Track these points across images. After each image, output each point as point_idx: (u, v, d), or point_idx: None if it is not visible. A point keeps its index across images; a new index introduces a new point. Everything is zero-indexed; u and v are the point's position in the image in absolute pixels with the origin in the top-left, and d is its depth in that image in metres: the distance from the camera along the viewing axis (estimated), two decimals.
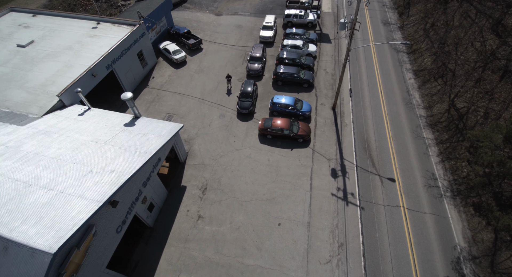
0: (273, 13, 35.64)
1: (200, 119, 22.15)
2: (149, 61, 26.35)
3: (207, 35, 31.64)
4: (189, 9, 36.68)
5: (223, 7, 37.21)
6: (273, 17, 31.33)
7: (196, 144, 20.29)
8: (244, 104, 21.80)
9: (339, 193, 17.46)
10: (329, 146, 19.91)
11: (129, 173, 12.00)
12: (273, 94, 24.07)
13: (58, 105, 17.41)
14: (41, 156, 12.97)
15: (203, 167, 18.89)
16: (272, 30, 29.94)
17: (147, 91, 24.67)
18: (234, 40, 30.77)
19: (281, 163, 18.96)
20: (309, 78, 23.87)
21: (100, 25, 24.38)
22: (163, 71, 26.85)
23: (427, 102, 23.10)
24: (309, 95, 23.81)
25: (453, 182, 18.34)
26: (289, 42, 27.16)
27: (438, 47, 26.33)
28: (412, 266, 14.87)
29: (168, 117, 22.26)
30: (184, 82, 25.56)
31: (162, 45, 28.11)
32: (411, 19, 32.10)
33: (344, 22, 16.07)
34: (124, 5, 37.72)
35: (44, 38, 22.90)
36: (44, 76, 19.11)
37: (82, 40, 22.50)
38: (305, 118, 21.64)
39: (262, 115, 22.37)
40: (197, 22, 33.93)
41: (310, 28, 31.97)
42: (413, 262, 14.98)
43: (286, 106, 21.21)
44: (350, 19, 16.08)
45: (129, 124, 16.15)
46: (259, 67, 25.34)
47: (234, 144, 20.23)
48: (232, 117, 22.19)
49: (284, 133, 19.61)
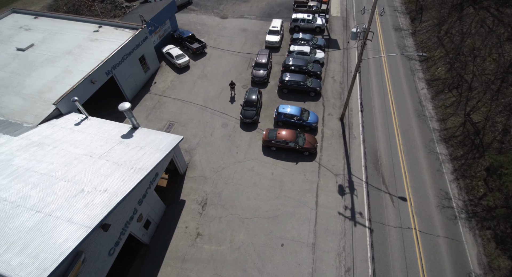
0: (279, 16, 34.69)
1: (202, 128, 21.33)
2: (151, 65, 25.64)
3: (211, 39, 30.82)
4: (194, 12, 35.93)
5: (229, 9, 36.37)
6: (280, 21, 30.36)
7: (197, 155, 19.47)
8: (247, 113, 20.91)
9: (347, 212, 16.46)
10: (336, 160, 18.91)
11: (123, 193, 11.21)
12: (278, 103, 23.14)
13: (55, 113, 16.75)
14: (31, 172, 12.26)
15: (203, 180, 18.06)
16: (278, 35, 28.98)
17: (148, 97, 23.94)
18: (239, 44, 29.90)
19: (285, 178, 18.02)
20: (316, 86, 22.87)
21: (102, 29, 23.74)
22: (166, 76, 26.11)
23: (440, 115, 21.91)
24: (316, 104, 22.82)
25: (468, 202, 17.20)
26: (295, 48, 26.18)
27: (453, 56, 25.10)
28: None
29: (169, 125, 21.50)
30: (186, 88, 24.78)
31: (165, 49, 27.38)
32: (423, 25, 30.83)
33: (356, 31, 15.07)
34: (128, 6, 37.13)
35: (44, 41, 22.32)
36: (42, 82, 18.49)
37: (82, 44, 21.86)
38: (312, 130, 20.66)
39: (266, 125, 21.46)
40: (201, 25, 33.15)
41: (318, 33, 30.92)
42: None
43: (292, 117, 20.26)
44: (363, 29, 15.08)
45: (127, 135, 15.39)
46: (264, 74, 24.41)
47: (236, 155, 19.36)
48: (235, 127, 21.33)
49: (289, 145, 18.68)
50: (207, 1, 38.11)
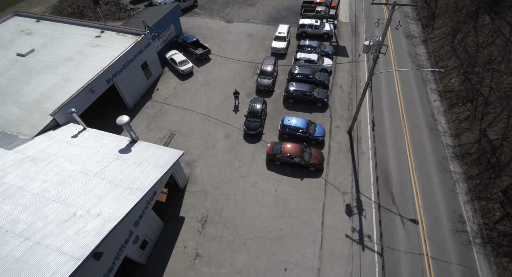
0: (286, 21, 33.83)
1: (204, 138, 20.61)
2: (154, 71, 25.00)
3: (216, 44, 30.09)
4: (199, 15, 35.24)
5: (235, 13, 35.61)
6: (287, 27, 29.49)
7: (198, 168, 18.75)
8: (251, 125, 20.13)
9: (354, 235, 15.59)
10: (344, 177, 18.03)
11: (116, 218, 10.52)
12: (284, 113, 22.31)
13: (52, 124, 16.17)
14: (23, 191, 11.65)
15: (204, 195, 17.33)
16: (285, 41, 28.12)
17: (150, 104, 23.30)
18: (244, 50, 29.12)
19: (289, 195, 17.21)
20: (323, 97, 21.98)
21: (104, 34, 23.15)
22: (168, 83, 25.45)
23: (454, 129, 20.86)
24: (322, 116, 21.93)
25: (484, 226, 16.18)
26: (302, 56, 25.29)
27: (467, 67, 23.99)
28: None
29: (170, 135, 20.83)
30: (189, 96, 24.08)
31: (169, 55, 26.72)
32: (436, 33, 29.69)
33: (369, 45, 14.18)
34: (133, 9, 36.59)
35: (45, 46, 21.80)
36: (40, 91, 17.93)
37: (83, 50, 21.28)
38: (318, 143, 19.80)
39: (270, 137, 20.65)
40: (206, 30, 32.44)
41: (325, 40, 29.99)
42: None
43: (297, 130, 19.42)
44: (376, 42, 14.18)
45: (125, 150, 14.73)
46: (269, 83, 23.59)
47: (239, 169, 18.60)
48: (239, 138, 20.57)
49: (294, 161, 17.86)
50: (213, 5, 37.41)
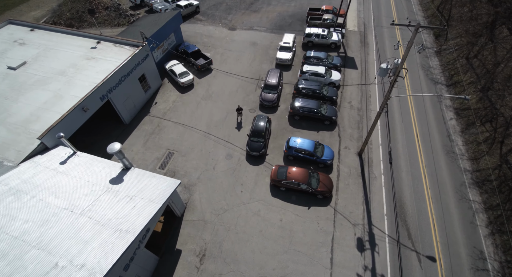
0: (291, 29, 32.50)
1: (204, 158, 19.36)
2: (152, 84, 23.78)
3: (218, 53, 28.83)
4: (201, 22, 34.00)
5: (238, 20, 34.32)
6: (292, 36, 28.15)
7: (197, 192, 17.50)
8: (254, 145, 18.84)
9: (367, 274, 14.25)
10: (354, 206, 16.68)
11: (102, 271, 9.28)
12: (289, 131, 20.99)
13: (39, 148, 14.98)
14: (2, 233, 10.46)
15: (203, 224, 16.07)
16: (290, 51, 26.78)
17: (147, 119, 22.09)
18: (247, 60, 27.83)
19: (295, 226, 15.90)
20: (331, 115, 20.63)
21: (100, 45, 21.96)
22: (167, 96, 24.22)
23: (472, 152, 19.44)
24: (331, 135, 20.60)
25: (506, 264, 14.76)
26: (309, 69, 23.94)
27: (485, 83, 22.52)
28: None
29: (168, 154, 19.60)
30: (189, 110, 22.84)
31: (168, 65, 25.49)
32: (450, 44, 28.20)
33: (387, 68, 12.84)
34: (133, 15, 35.43)
35: (37, 58, 20.65)
36: (29, 109, 16.76)
37: (77, 63, 20.11)
38: (326, 166, 18.46)
39: (275, 158, 19.35)
40: (208, 37, 31.19)
41: (333, 50, 28.62)
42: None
43: (304, 152, 18.10)
44: (394, 64, 12.84)
45: (116, 179, 13.51)
46: (274, 98, 22.29)
47: (241, 195, 17.32)
48: (241, 159, 19.29)
49: (300, 187, 16.56)
50: (215, 11, 36.16)
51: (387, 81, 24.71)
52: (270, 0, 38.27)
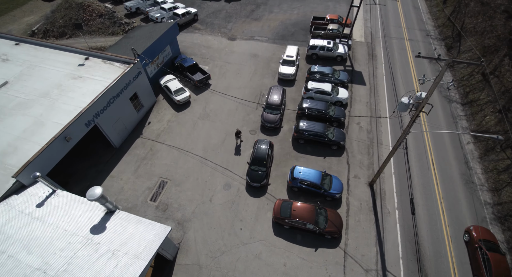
0: (294, 39, 30.82)
1: (200, 189, 17.72)
2: (145, 102, 22.13)
3: (217, 66, 27.17)
4: (199, 31, 32.33)
5: (238, 29, 32.65)
6: (295, 49, 26.46)
7: (191, 230, 15.85)
8: (255, 175, 17.18)
9: None
10: (366, 248, 15.02)
11: None
12: (293, 156, 19.32)
13: (15, 187, 13.33)
14: None
15: (197, 270, 14.42)
16: (293, 65, 25.10)
17: (139, 142, 20.45)
18: (248, 74, 26.16)
19: (301, 272, 14.23)
20: (339, 139, 18.97)
21: (88, 61, 20.31)
22: (162, 115, 22.57)
23: (492, 182, 17.75)
24: (338, 162, 18.93)
25: None
26: (314, 86, 22.26)
27: (505, 103, 20.82)
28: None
29: (160, 183, 17.96)
30: (185, 131, 21.19)
31: (163, 81, 23.83)
32: (463, 57, 26.48)
33: (408, 103, 11.20)
34: (128, 23, 33.78)
35: (20, 78, 19.00)
36: (7, 139, 15.10)
37: (63, 84, 18.46)
38: (334, 199, 16.81)
39: (277, 188, 17.69)
40: (206, 48, 29.52)
41: (339, 63, 26.94)
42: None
43: (310, 184, 16.45)
44: (417, 99, 11.18)
45: (98, 227, 11.88)
46: (276, 119, 20.63)
47: (240, 233, 15.67)
48: (240, 189, 17.64)
49: (307, 227, 14.91)
50: (214, 19, 34.49)
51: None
52: (272, 8, 36.61)
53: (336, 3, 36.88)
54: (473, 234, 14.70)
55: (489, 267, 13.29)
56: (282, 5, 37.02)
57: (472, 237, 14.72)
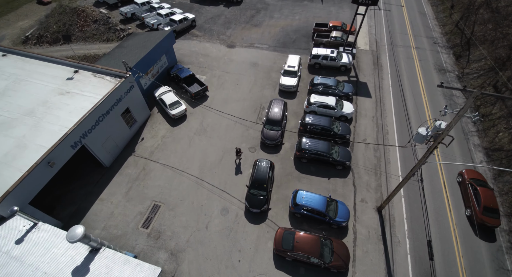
0: (296, 46, 29.60)
1: (195, 214, 16.53)
2: (139, 117, 20.95)
3: (215, 76, 25.97)
4: (197, 38, 31.12)
5: (237, 36, 31.44)
6: (297, 58, 25.24)
7: (185, 261, 14.67)
8: (255, 200, 15.99)
9: None
10: None
11: None
12: (295, 177, 18.12)
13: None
14: None
15: None
16: (295, 76, 23.89)
17: (132, 161, 19.27)
18: (247, 84, 24.95)
19: None
20: (344, 159, 17.76)
21: (78, 75, 19.12)
22: (156, 130, 21.39)
23: (508, 206, 16.55)
24: (344, 183, 17.75)
25: None
26: (317, 100, 21.05)
27: None
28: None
29: (153, 207, 16.80)
30: (180, 149, 20.01)
31: (158, 93, 22.62)
32: (473, 67, 25.26)
33: (426, 134, 10.02)
34: (123, 29, 32.57)
35: (5, 93, 17.81)
36: None
37: (49, 100, 17.27)
38: (340, 227, 15.61)
39: (279, 214, 16.48)
40: (204, 57, 28.31)
41: (343, 73, 25.72)
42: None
43: (314, 212, 15.27)
44: (436, 130, 9.99)
45: (81, 269, 10.69)
46: (277, 135, 19.44)
47: (238, 266, 14.49)
48: (239, 215, 16.46)
49: (311, 261, 13.74)
50: (213, 25, 33.27)
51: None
52: (272, 13, 35.38)
53: (339, 8, 35.65)
54: (465, 175, 17.15)
55: (478, 198, 15.69)
56: (283, 10, 35.81)
57: (464, 178, 17.18)
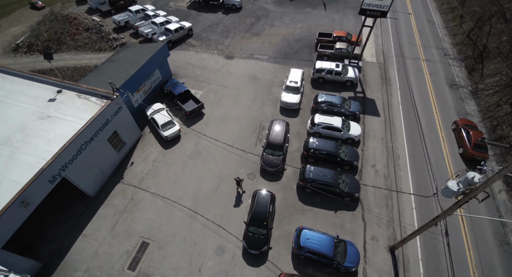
0: (298, 57, 27.97)
1: (188, 253, 14.87)
2: (128, 139, 19.33)
3: (211, 91, 24.36)
4: (194, 48, 29.51)
5: (236, 45, 29.83)
6: (300, 73, 23.59)
7: None
8: (254, 241, 14.29)
9: None
10: None
11: None
12: (298, 209, 16.44)
13: None
14: None
15: None
16: (298, 93, 22.23)
17: (119, 189, 17.63)
18: (246, 100, 23.32)
19: None
20: (353, 191, 16.12)
21: (61, 96, 17.50)
22: (147, 153, 19.76)
23: None
24: (352, 217, 16.10)
25: None
26: (321, 120, 19.40)
27: None
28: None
29: (141, 245, 15.15)
30: (172, 175, 18.37)
31: (150, 112, 20.97)
32: (487, 82, 23.60)
33: (458, 190, 8.42)
34: (116, 38, 30.98)
35: None
36: None
37: (28, 126, 15.63)
38: (348, 272, 13.98)
39: (281, 254, 14.76)
40: (201, 69, 26.69)
41: (348, 87, 24.08)
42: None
43: (320, 255, 13.65)
44: (467, 183, 8.40)
45: None
46: (278, 161, 17.80)
47: None
48: (236, 255, 14.82)
49: None
50: (211, 33, 31.67)
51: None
52: (273, 21, 33.78)
53: (343, 15, 34.03)
54: (459, 122, 20.08)
55: (469, 138, 18.53)
56: (284, 18, 34.20)
57: (457, 124, 20.11)
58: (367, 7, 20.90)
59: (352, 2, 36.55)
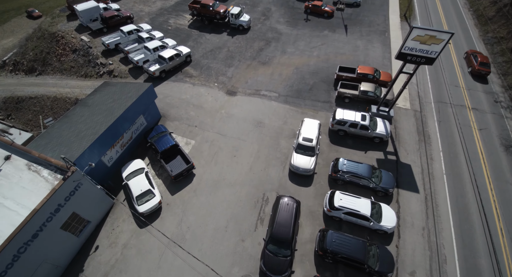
0: (313, 96, 23.26)
1: None
2: (93, 215, 15.10)
3: (206, 140, 20.00)
4: (191, 79, 25.23)
5: (240, 77, 25.39)
6: (316, 125, 18.84)
7: None
8: None
9: None
10: None
11: None
12: None
13: None
14: None
15: None
16: (313, 155, 17.51)
17: None
18: (248, 156, 18.81)
19: None
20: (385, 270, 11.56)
21: (8, 165, 13.40)
22: (117, 232, 15.50)
23: None
24: None
25: None
26: (344, 204, 14.61)
27: None
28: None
29: None
30: (145, 269, 14.08)
31: (125, 174, 16.65)
32: None
33: None
34: (104, 64, 27.04)
35: None
36: None
37: None
38: None
39: None
40: (196, 109, 22.38)
41: (377, 145, 19.26)
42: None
43: None
44: None
45: None
46: (284, 267, 13.00)
47: None
48: None
49: None
50: (212, 60, 27.35)
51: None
52: (285, 46, 29.14)
53: (367, 42, 29.07)
54: (469, 52, 25.37)
55: (476, 59, 23.98)
56: (298, 43, 29.52)
57: (468, 53, 25.47)
58: (409, 51, 16.10)
59: (379, 25, 31.53)
